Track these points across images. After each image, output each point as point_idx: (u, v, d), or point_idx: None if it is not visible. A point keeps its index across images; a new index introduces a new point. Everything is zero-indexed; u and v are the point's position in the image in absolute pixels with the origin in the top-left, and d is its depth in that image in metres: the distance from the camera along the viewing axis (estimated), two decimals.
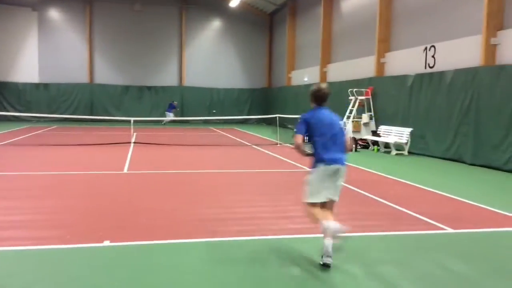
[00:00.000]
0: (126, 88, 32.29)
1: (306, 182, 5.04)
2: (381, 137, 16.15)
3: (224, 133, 23.58)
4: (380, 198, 8.15)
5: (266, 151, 15.39)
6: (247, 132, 24.74)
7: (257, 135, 22.70)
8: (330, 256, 4.72)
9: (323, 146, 4.91)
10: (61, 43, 31.33)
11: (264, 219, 6.64)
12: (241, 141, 19.26)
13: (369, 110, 18.11)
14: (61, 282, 4.26)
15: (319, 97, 5.09)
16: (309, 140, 5.02)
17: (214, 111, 32.64)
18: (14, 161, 11.97)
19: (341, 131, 5.06)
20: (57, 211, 6.86)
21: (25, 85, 30.66)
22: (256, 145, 17.47)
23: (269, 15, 34.30)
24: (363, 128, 17.88)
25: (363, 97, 18.25)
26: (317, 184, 4.94)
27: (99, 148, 15.25)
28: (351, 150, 4.80)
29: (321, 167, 4.90)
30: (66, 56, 31.36)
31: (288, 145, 17.59)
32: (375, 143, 16.45)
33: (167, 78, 33.27)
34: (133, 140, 17.31)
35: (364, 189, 8.90)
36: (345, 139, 5.09)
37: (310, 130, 4.98)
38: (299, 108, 25.92)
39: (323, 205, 5.03)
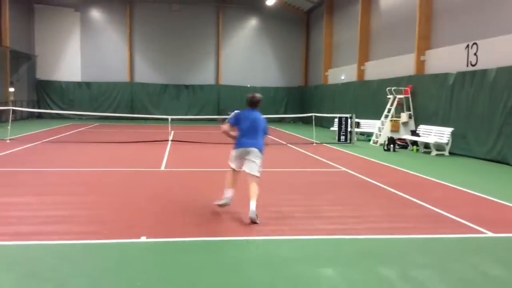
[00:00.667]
0: (165, 87, 32.87)
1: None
2: (421, 137, 15.78)
3: None
4: (419, 200, 7.97)
5: (302, 150, 15.32)
6: (283, 130, 24.69)
7: (293, 133, 22.63)
8: (253, 214, 6.24)
9: (243, 133, 6.77)
10: (103, 43, 32.21)
11: (298, 218, 6.62)
12: (277, 139, 19.25)
13: (408, 109, 17.74)
14: (100, 276, 4.38)
15: (252, 103, 6.95)
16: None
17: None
18: (57, 158, 12.40)
19: (263, 129, 6.92)
20: (97, 207, 7.06)
21: (68, 83, 31.71)
22: (291, 144, 17.42)
23: (306, 13, 34.10)
24: (401, 128, 17.52)
25: (402, 96, 17.89)
26: (234, 157, 6.86)
27: (138, 146, 15.59)
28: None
29: (237, 149, 6.81)
30: (107, 55, 32.23)
31: (325, 144, 17.46)
32: (415, 143, 16.09)
33: (205, 76, 33.65)
34: (170, 138, 17.60)
35: (403, 190, 8.73)
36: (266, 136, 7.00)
37: (239, 123, 6.83)
38: (335, 107, 25.72)
39: (236, 173, 6.91)
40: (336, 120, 19.09)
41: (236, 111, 7.23)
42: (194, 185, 9.12)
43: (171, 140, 17.07)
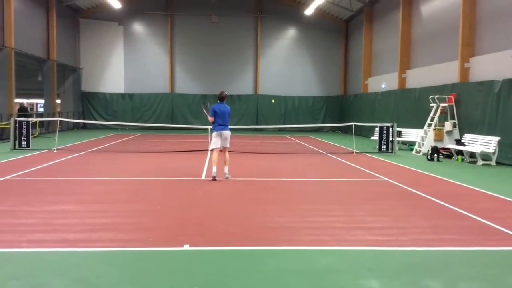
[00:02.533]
0: (204, 97, 33.27)
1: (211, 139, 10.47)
2: (466, 146, 15.31)
3: (299, 141, 23.56)
4: (465, 211, 7.72)
5: (342, 160, 15.16)
6: (322, 140, 24.53)
7: (332, 143, 22.43)
8: (227, 176, 10.59)
9: (219, 121, 10.59)
10: (145, 55, 33.09)
11: (339, 229, 6.55)
12: (316, 149, 19.14)
13: (452, 118, 17.27)
14: (144, 284, 4.47)
15: (220, 98, 10.86)
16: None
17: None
18: (102, 167, 12.77)
19: (228, 115, 10.71)
20: (140, 215, 7.22)
21: (112, 95, 32.73)
22: (331, 153, 17.27)
23: (345, 21, 33.91)
24: (445, 137, 17.07)
25: (445, 104, 17.45)
26: (215, 139, 10.59)
27: (179, 155, 15.86)
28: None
29: (217, 132, 10.58)
30: (149, 67, 33.08)
31: (365, 154, 17.22)
32: (459, 152, 15.63)
33: (243, 86, 33.93)
34: (210, 147, 17.77)
35: (448, 201, 8.49)
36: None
37: (216, 113, 10.57)
38: (375, 115, 25.35)
39: (221, 151, 10.76)
40: (377, 129, 18.79)
41: (212, 106, 10.83)
42: (234, 194, 9.18)
43: (211, 150, 17.22)
